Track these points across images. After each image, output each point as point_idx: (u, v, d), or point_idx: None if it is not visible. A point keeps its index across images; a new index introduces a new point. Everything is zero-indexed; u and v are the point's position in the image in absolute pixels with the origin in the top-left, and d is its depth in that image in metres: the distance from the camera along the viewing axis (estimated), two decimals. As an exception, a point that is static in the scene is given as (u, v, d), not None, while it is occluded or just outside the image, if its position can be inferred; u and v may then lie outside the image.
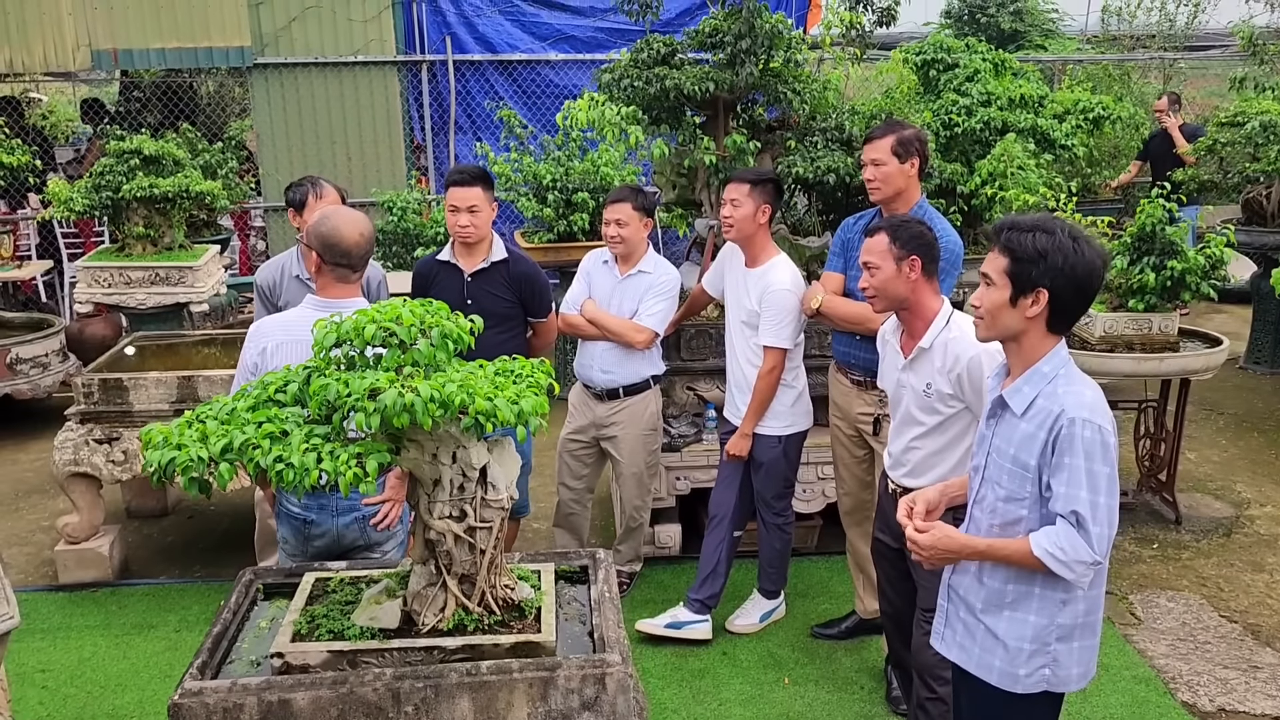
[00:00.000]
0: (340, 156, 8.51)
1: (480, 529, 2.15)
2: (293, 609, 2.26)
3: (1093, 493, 2.25)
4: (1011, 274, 2.37)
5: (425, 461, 2.09)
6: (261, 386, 2.11)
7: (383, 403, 1.87)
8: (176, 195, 6.07)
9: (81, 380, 4.64)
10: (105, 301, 6.28)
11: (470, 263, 4.16)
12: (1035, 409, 2.36)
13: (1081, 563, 2.27)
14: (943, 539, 2.46)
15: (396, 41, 8.52)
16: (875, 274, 3.17)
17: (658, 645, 4.24)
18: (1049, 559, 2.29)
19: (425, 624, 2.17)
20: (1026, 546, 2.33)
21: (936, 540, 2.47)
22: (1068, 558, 2.27)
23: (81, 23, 8.03)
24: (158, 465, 1.94)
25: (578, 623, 2.35)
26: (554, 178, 6.68)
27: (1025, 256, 2.34)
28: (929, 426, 3.20)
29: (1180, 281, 4.94)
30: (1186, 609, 4.55)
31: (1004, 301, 2.38)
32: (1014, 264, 2.36)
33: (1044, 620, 2.41)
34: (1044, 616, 2.41)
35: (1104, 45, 12.65)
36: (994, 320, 2.42)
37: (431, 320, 2.04)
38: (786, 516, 4.33)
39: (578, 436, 4.55)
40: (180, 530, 5.40)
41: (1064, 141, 7.08)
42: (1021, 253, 2.35)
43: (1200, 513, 5.47)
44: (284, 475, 1.88)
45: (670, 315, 4.41)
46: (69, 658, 4.23)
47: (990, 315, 2.42)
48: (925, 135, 3.80)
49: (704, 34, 4.66)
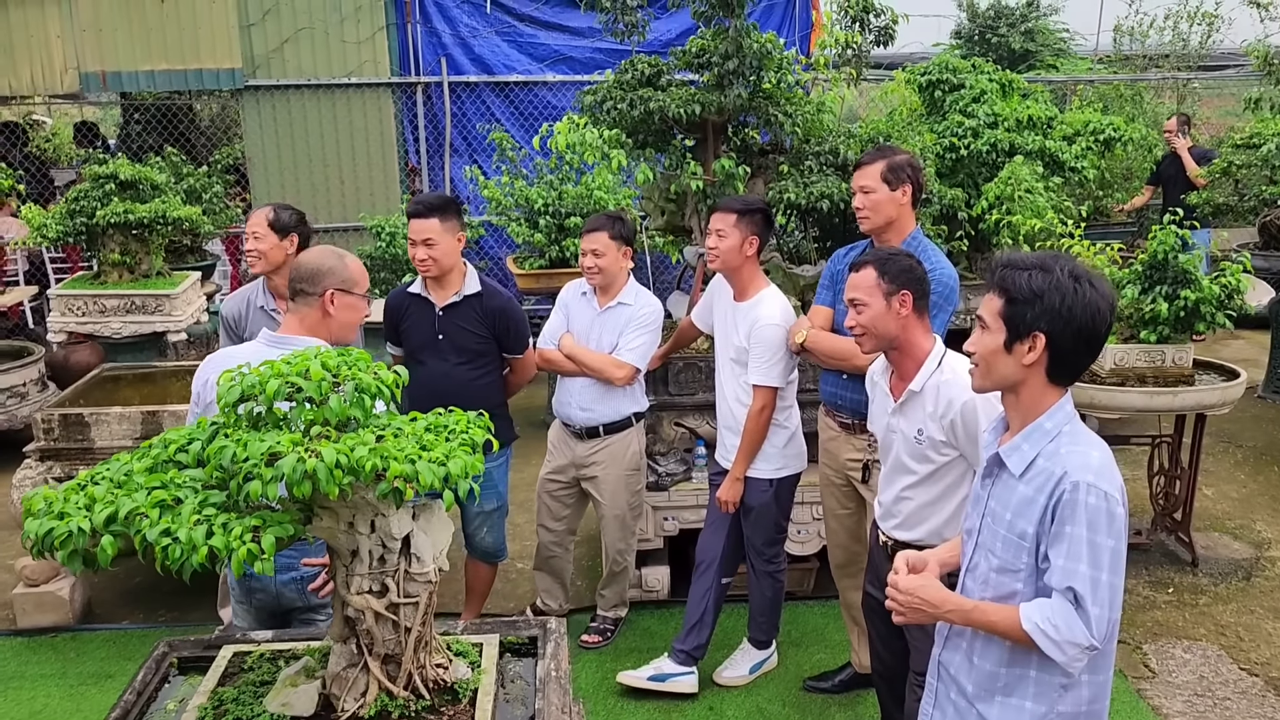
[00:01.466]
0: (333, 180, 8.35)
1: (404, 604, 1.92)
2: (201, 690, 2.04)
3: (1094, 568, 2.00)
4: (1006, 316, 2.13)
5: (340, 531, 1.87)
6: (163, 444, 1.90)
7: (280, 469, 1.65)
8: (153, 221, 5.89)
9: (42, 415, 4.45)
10: (80, 330, 6.11)
11: (442, 296, 3.96)
12: (1035, 470, 2.12)
13: (1075, 645, 2.02)
14: (924, 588, 2.21)
15: (391, 63, 8.37)
16: (863, 311, 2.94)
17: (640, 699, 4.01)
18: (1039, 635, 2.04)
19: (345, 710, 1.94)
20: (1016, 617, 2.07)
21: (916, 587, 2.21)
22: (1060, 637, 2.02)
23: (70, 45, 7.91)
24: (35, 536, 1.73)
25: (520, 705, 2.11)
26: (546, 202, 6.49)
27: (1020, 297, 2.11)
28: (921, 475, 2.97)
29: (1194, 311, 4.69)
30: (1204, 660, 4.28)
31: (999, 347, 2.14)
32: (1009, 305, 2.13)
33: (1042, 708, 2.15)
34: (1042, 704, 2.14)
35: (1116, 65, 12.41)
36: (989, 368, 2.18)
37: (346, 372, 1.82)
38: (778, 564, 4.08)
39: (557, 476, 4.33)
40: (147, 571, 5.16)
41: (1074, 164, 6.86)
42: (1016, 293, 2.12)
43: (1218, 554, 5.19)
44: (169, 551, 1.66)
45: (652, 349, 4.19)
46: (20, 710, 4.02)
47: (985, 362, 2.18)
48: (919, 161, 3.57)
49: (691, 54, 4.46)
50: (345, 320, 2.96)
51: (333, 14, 8.17)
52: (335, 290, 2.90)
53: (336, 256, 2.99)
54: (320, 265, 2.94)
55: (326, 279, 2.91)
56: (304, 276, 2.93)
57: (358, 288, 2.97)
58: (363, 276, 3.01)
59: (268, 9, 8.11)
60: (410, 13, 8.34)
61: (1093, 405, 4.82)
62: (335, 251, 3.02)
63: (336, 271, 2.93)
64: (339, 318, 2.94)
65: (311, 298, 2.91)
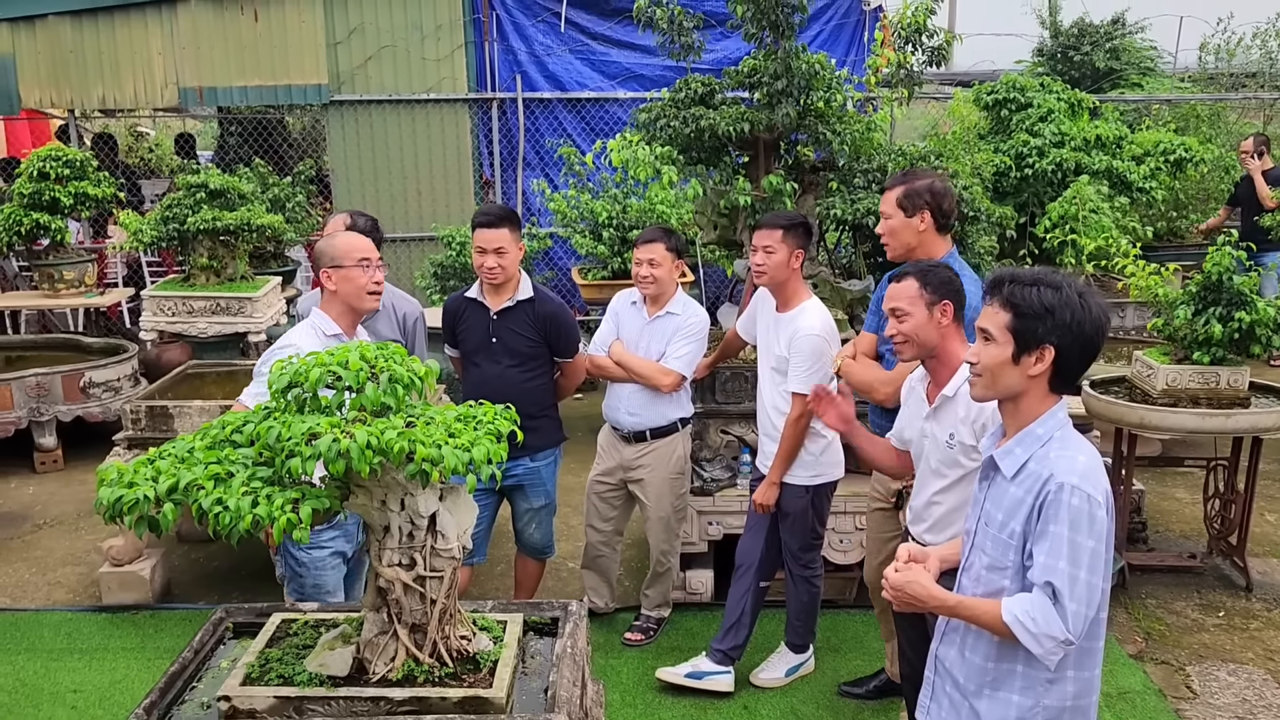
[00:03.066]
0: (411, 191, 8.70)
1: (430, 578, 2.11)
2: (251, 650, 2.25)
3: (1073, 566, 2.10)
4: (1015, 330, 2.23)
5: (374, 508, 2.06)
6: (221, 426, 2.12)
7: (318, 448, 1.85)
8: (239, 228, 6.25)
9: (130, 406, 4.78)
10: (169, 329, 6.49)
11: (497, 301, 4.16)
12: (1026, 472, 2.23)
13: (1052, 638, 2.12)
14: (913, 583, 2.33)
15: (468, 79, 8.70)
16: (905, 320, 3.01)
17: (677, 695, 4.13)
18: (1018, 627, 2.14)
19: (375, 673, 2.13)
20: (997, 610, 2.18)
21: (905, 582, 2.34)
22: (1038, 630, 2.12)
23: (170, 62, 8.40)
24: (107, 503, 1.95)
25: (537, 678, 2.28)
26: (610, 215, 6.69)
27: (1031, 312, 2.21)
28: (951, 480, 3.04)
29: (1249, 334, 4.66)
30: (1249, 684, 4.25)
31: (1006, 359, 2.24)
32: (1017, 319, 2.23)
33: (1028, 701, 2.24)
34: (1028, 697, 2.24)
35: (1202, 84, 12.17)
36: (994, 379, 2.28)
37: (382, 364, 2.02)
38: (814, 569, 4.18)
39: (605, 479, 4.49)
40: (226, 556, 5.49)
41: (1141, 184, 6.82)
42: (1026, 308, 2.22)
43: (1274, 579, 5.12)
44: (220, 518, 1.87)
45: (698, 358, 4.34)
46: (102, 679, 4.32)
47: (990, 373, 2.28)
48: (944, 187, 3.49)
49: (743, 74, 4.61)
50: (347, 291, 3.34)
51: (414, 33, 8.53)
52: (327, 270, 3.31)
53: (328, 241, 3.42)
54: (318, 251, 3.41)
55: (320, 262, 3.35)
56: (313, 265, 3.38)
57: (346, 260, 3.33)
58: (348, 249, 3.36)
59: (353, 28, 8.50)
60: (488, 32, 8.66)
61: (1143, 425, 4.81)
62: (329, 236, 3.48)
63: (325, 253, 3.35)
64: (340, 290, 3.33)
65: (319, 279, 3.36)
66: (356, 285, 3.32)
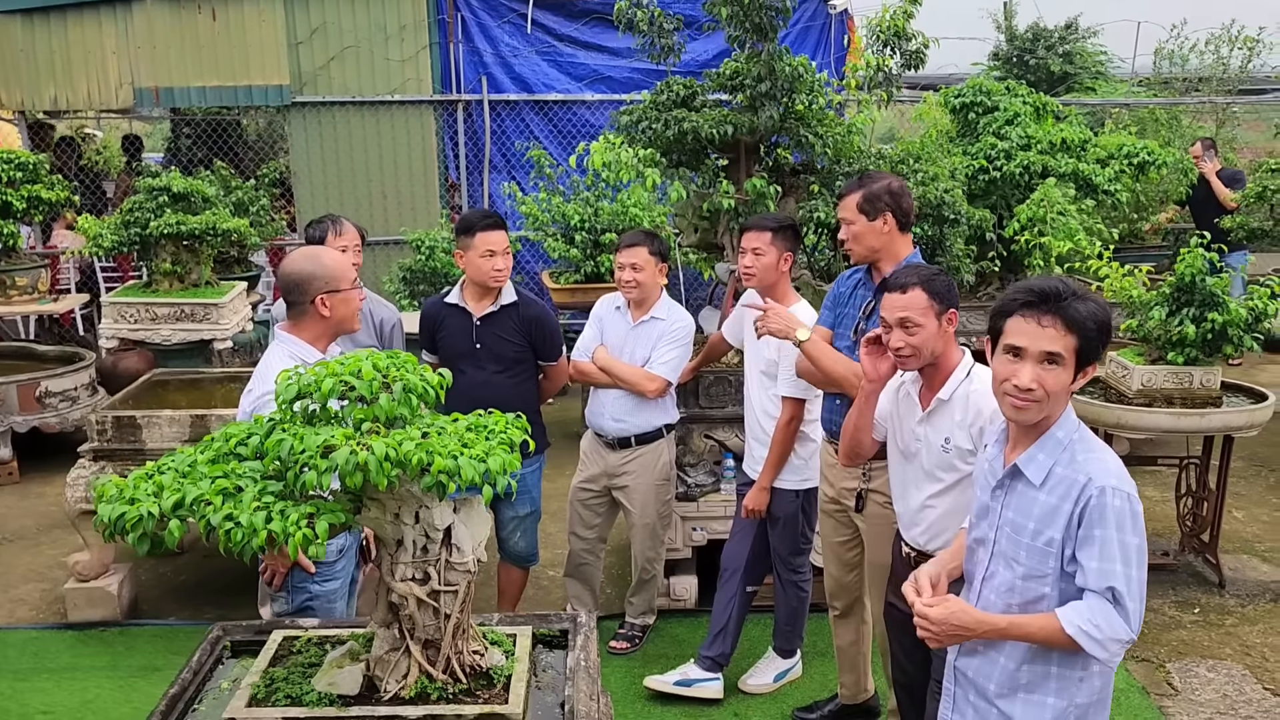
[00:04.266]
0: (375, 194, 8.57)
1: (444, 592, 2.05)
2: (254, 670, 2.17)
3: (1127, 566, 2.13)
4: (1080, 351, 2.20)
5: (387, 521, 2.00)
6: (224, 438, 2.04)
7: (334, 461, 1.78)
8: (204, 232, 6.11)
9: (95, 417, 4.63)
10: (131, 337, 6.32)
11: (479, 306, 4.10)
12: (1055, 478, 2.22)
13: (1118, 640, 2.14)
14: (957, 613, 2.28)
15: (433, 81, 8.59)
16: (916, 332, 2.89)
17: (666, 703, 4.10)
18: (1083, 638, 2.14)
19: (387, 691, 2.06)
20: (1055, 624, 2.17)
21: (949, 615, 2.28)
22: (1103, 635, 2.13)
23: (125, 62, 8.20)
24: (108, 520, 1.87)
25: (551, 692, 2.23)
26: (582, 218, 6.64)
27: (1090, 334, 2.19)
28: (946, 484, 3.02)
29: (1222, 334, 4.73)
30: (1228, 679, 4.30)
31: (1069, 381, 2.21)
32: (1083, 340, 2.19)
33: (1063, 702, 2.27)
34: (1063, 698, 2.27)
35: (1156, 88, 12.40)
36: (1057, 401, 2.22)
37: (395, 374, 1.95)
38: (803, 574, 4.17)
39: (589, 485, 4.44)
40: (194, 570, 5.35)
41: (1106, 186, 6.91)
42: (1086, 330, 2.18)
43: (1246, 576, 5.21)
44: (232, 535, 1.80)
45: (684, 363, 4.30)
46: (73, 699, 4.18)
47: (1054, 397, 2.21)
48: (900, 186, 3.45)
49: (725, 76, 4.59)
50: (344, 314, 3.11)
51: (378, 33, 8.41)
52: (323, 295, 3.04)
53: (313, 261, 3.08)
54: (301, 275, 3.04)
55: (311, 286, 3.03)
56: (290, 288, 3.05)
57: (343, 283, 3.09)
58: (344, 269, 3.13)
59: (315, 28, 8.36)
60: (453, 32, 8.56)
61: (1120, 425, 4.87)
62: (310, 255, 3.12)
63: (318, 276, 3.04)
64: (335, 314, 3.08)
65: (304, 306, 3.04)
66: (353, 307, 3.12)
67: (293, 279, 3.06)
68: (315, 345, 3.09)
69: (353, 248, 4.10)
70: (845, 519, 3.70)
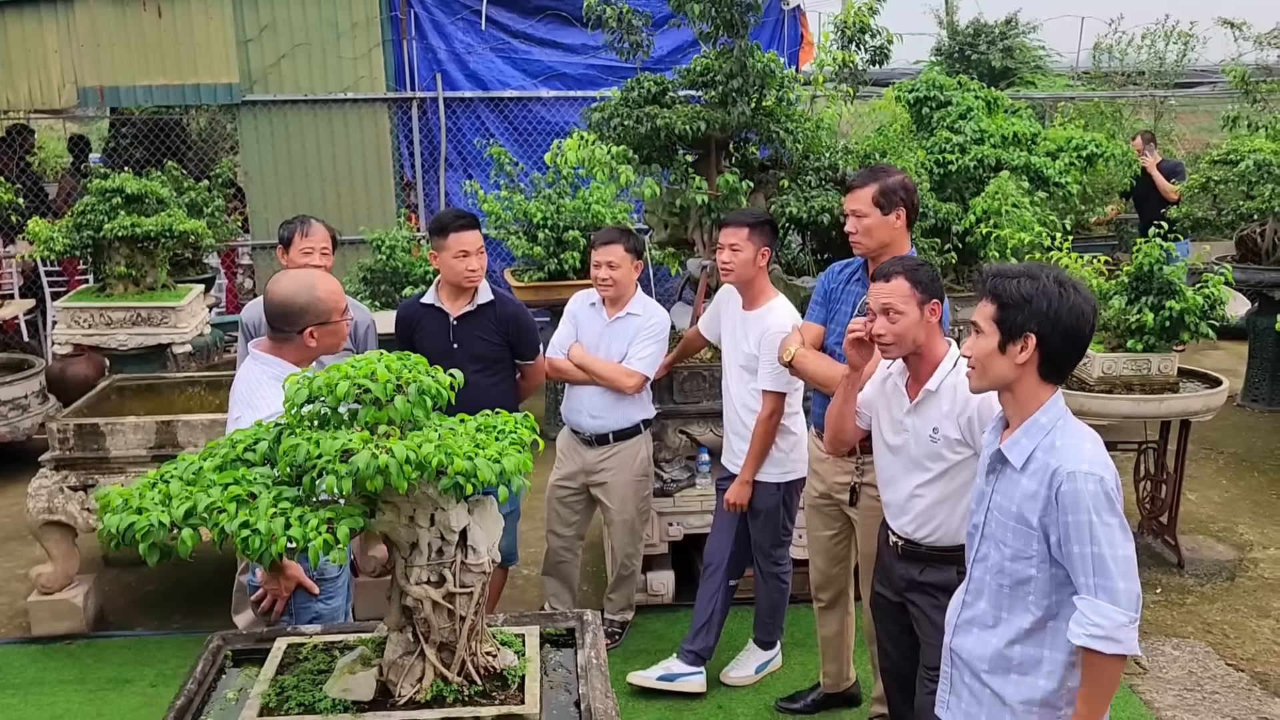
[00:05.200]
0: (330, 194, 8.44)
1: (460, 594, 2.04)
2: (261, 679, 2.14)
3: (1110, 546, 2.19)
4: (999, 320, 2.34)
5: (401, 525, 1.98)
6: (230, 444, 2.00)
7: (355, 465, 1.77)
8: (160, 234, 5.98)
9: (56, 425, 4.51)
10: (85, 342, 6.16)
11: (456, 306, 4.07)
12: (1035, 463, 2.31)
13: (1120, 625, 2.19)
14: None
15: (387, 79, 8.48)
16: (898, 320, 2.96)
17: (650, 698, 4.11)
18: (1095, 643, 2.20)
19: (402, 695, 2.04)
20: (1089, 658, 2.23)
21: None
22: (1106, 631, 2.19)
23: (68, 60, 7.98)
24: (116, 531, 1.83)
25: (564, 691, 2.23)
26: (545, 216, 6.61)
27: (1011, 302, 2.32)
28: (935, 473, 3.06)
29: (1179, 321, 4.86)
30: (1193, 657, 4.43)
31: (993, 349, 2.35)
32: (1000, 310, 2.34)
33: (1053, 685, 2.32)
34: (1053, 680, 2.32)
35: (1095, 82, 12.69)
36: (985, 369, 2.39)
37: (409, 375, 1.94)
38: (783, 565, 4.20)
39: (566, 483, 4.43)
40: (159, 579, 5.24)
41: (1057, 179, 7.04)
42: (1007, 298, 2.33)
43: (1203, 555, 5.36)
44: (249, 542, 1.77)
45: (660, 358, 4.31)
46: (41, 714, 4.08)
47: (981, 364, 2.39)
48: (912, 183, 3.51)
49: (695, 73, 4.60)
50: (328, 344, 3.03)
51: (329, 30, 8.28)
52: (312, 328, 2.95)
53: (306, 291, 2.96)
54: (293, 307, 2.93)
55: (303, 319, 2.94)
56: (278, 315, 2.94)
57: (335, 315, 2.99)
58: (337, 299, 3.01)
59: (265, 25, 8.21)
60: (406, 29, 8.46)
61: (1082, 412, 4.97)
62: (304, 283, 2.99)
63: (310, 309, 2.94)
64: (321, 344, 3.00)
65: (290, 334, 2.95)
66: (341, 336, 3.04)
67: (282, 309, 2.94)
68: (297, 366, 2.94)
69: (319, 250, 4.04)
70: (835, 513, 3.74)
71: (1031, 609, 2.35)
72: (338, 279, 3.22)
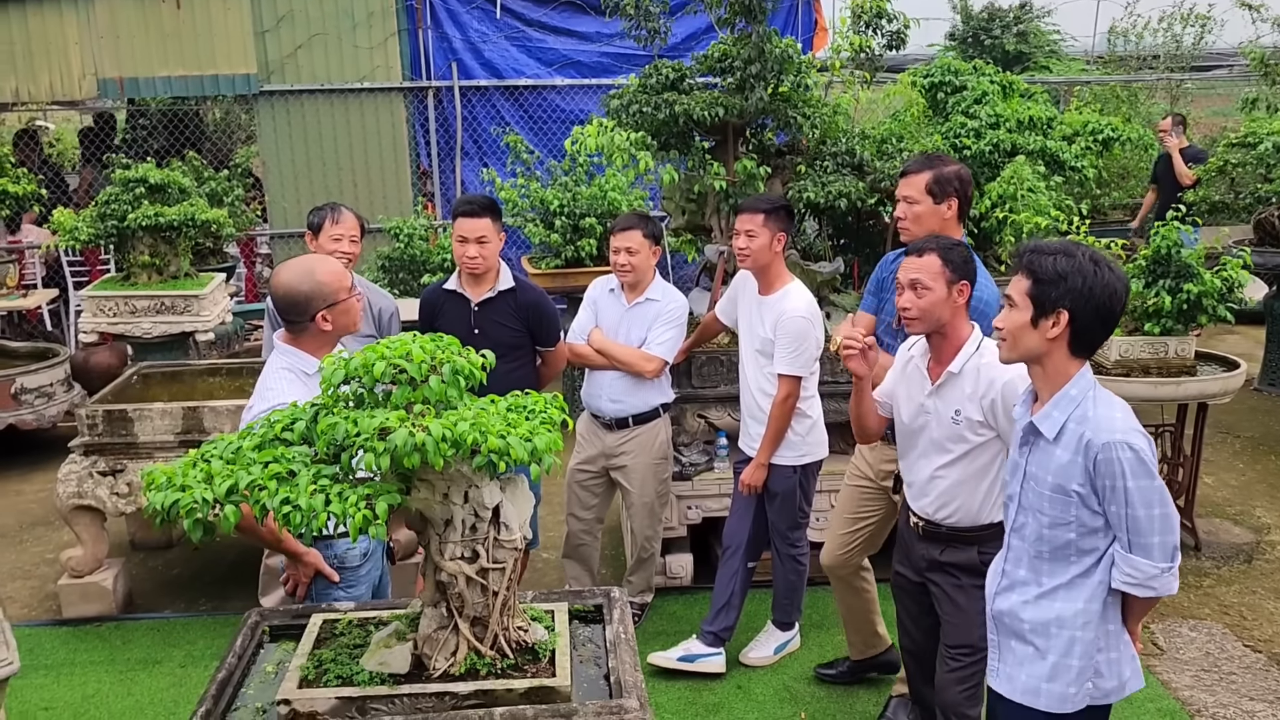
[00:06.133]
0: (346, 183, 8.51)
1: (493, 570, 2.09)
2: (299, 653, 2.20)
3: (1147, 508, 2.32)
4: (1033, 295, 2.41)
5: (436, 502, 2.03)
6: (268, 425, 2.06)
7: (393, 442, 1.82)
8: (182, 224, 6.05)
9: (85, 412, 4.59)
10: (110, 331, 6.25)
11: (477, 292, 4.11)
12: (1067, 434, 2.39)
13: (1154, 577, 2.35)
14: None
15: (403, 68, 8.53)
16: (924, 295, 2.99)
17: (671, 679, 4.16)
18: (1129, 588, 2.39)
19: (436, 668, 2.10)
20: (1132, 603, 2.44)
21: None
22: (1140, 579, 2.36)
23: (88, 52, 8.05)
24: (160, 507, 1.88)
25: (593, 665, 2.28)
26: (561, 203, 6.65)
27: (1046, 278, 2.39)
28: (956, 455, 3.08)
29: (1197, 304, 4.88)
30: (1210, 638, 4.46)
31: (1025, 322, 2.42)
32: (1035, 285, 2.40)
33: (1090, 635, 2.44)
34: (1089, 631, 2.44)
35: (1111, 66, 12.64)
36: (1015, 341, 2.46)
37: (443, 356, 1.98)
38: (801, 547, 4.25)
39: (586, 467, 4.48)
40: (185, 563, 5.33)
41: (1074, 163, 7.04)
42: (1043, 274, 2.39)
43: (1220, 539, 5.38)
44: (291, 518, 1.82)
45: (679, 343, 4.35)
46: (73, 694, 4.16)
47: (1012, 336, 2.46)
48: (969, 174, 3.47)
49: (713, 59, 4.63)
50: (344, 324, 3.03)
51: (345, 20, 8.33)
52: (323, 311, 2.96)
53: (307, 278, 2.96)
54: (297, 296, 2.94)
55: (310, 306, 2.94)
56: (287, 309, 2.95)
57: (341, 294, 3.00)
58: (340, 278, 3.02)
59: (282, 15, 8.26)
60: (421, 19, 8.50)
61: (1099, 395, 4.99)
62: (303, 272, 2.98)
63: (316, 295, 2.94)
64: (337, 325, 3.01)
65: (303, 324, 2.96)
66: (355, 313, 3.05)
67: (289, 301, 2.95)
68: (316, 355, 2.98)
69: (349, 237, 4.09)
70: (872, 495, 3.79)
71: (1072, 567, 2.46)
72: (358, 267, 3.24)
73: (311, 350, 3.00)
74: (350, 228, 4.07)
